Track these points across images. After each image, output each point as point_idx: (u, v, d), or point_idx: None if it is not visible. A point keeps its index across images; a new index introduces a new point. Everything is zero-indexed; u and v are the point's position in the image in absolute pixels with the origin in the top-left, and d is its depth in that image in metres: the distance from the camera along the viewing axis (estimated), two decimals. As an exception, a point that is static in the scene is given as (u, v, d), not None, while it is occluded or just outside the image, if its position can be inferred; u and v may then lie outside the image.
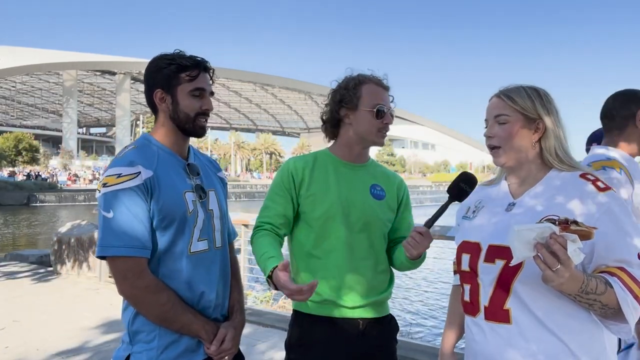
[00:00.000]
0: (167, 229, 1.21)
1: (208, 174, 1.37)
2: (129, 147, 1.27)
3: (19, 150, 40.39)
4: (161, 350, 1.21)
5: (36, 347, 3.21)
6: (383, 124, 1.41)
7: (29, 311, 4.09)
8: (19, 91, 72.30)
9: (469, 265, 1.14)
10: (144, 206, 1.18)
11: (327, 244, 1.39)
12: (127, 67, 64.71)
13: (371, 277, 1.40)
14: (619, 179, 1.45)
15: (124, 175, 1.18)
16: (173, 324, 1.20)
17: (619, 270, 1.00)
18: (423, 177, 70.55)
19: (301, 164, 1.44)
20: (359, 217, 1.40)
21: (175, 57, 1.25)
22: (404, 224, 1.51)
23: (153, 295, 1.18)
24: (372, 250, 1.42)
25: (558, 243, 0.88)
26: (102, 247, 1.17)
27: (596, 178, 1.07)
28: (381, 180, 1.48)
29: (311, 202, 1.40)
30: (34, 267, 6.03)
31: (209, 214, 1.31)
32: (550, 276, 0.90)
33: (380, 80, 1.44)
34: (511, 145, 1.13)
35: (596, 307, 0.98)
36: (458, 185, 1.21)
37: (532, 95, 1.13)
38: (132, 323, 1.23)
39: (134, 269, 1.17)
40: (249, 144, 74.33)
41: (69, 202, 30.08)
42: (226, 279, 1.36)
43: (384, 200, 1.46)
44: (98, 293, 4.74)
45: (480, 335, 1.11)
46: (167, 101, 1.26)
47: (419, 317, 5.44)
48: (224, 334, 1.26)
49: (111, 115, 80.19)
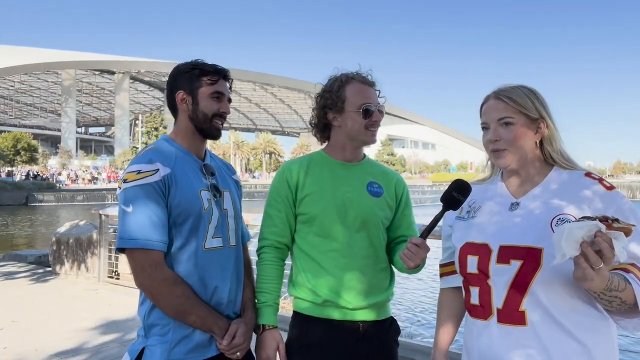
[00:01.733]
0: (183, 225, 1.26)
1: (224, 175, 1.44)
2: (149, 147, 1.34)
3: (18, 150, 40.36)
4: (174, 344, 1.24)
5: (35, 348, 3.20)
6: (372, 122, 1.40)
7: (28, 312, 4.07)
8: (17, 91, 72.31)
9: (477, 267, 1.11)
10: (162, 202, 1.24)
11: (326, 244, 1.38)
12: (127, 67, 64.68)
13: (372, 276, 1.38)
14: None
15: (143, 172, 1.24)
16: (188, 317, 1.24)
17: (633, 267, 1.00)
18: (422, 178, 70.56)
19: (296, 167, 1.44)
20: (356, 216, 1.38)
21: (199, 63, 1.35)
22: (405, 222, 1.49)
23: (169, 287, 1.22)
24: (372, 248, 1.41)
25: (605, 242, 0.87)
26: (122, 239, 1.23)
27: (601, 178, 1.08)
28: (379, 177, 1.47)
29: (307, 203, 1.40)
30: (33, 267, 6.00)
31: (224, 213, 1.36)
32: (591, 275, 0.88)
33: (364, 77, 1.41)
34: (517, 147, 1.11)
35: (615, 304, 0.98)
36: (451, 195, 1.19)
37: (530, 96, 1.12)
38: (147, 317, 1.27)
39: (152, 262, 1.22)
40: (248, 144, 74.23)
41: (68, 202, 30.03)
42: (239, 277, 1.40)
43: (382, 198, 1.44)
44: (97, 294, 4.72)
45: (490, 339, 1.08)
46: (188, 102, 1.34)
47: (422, 317, 5.43)
48: (236, 330, 1.29)
49: (110, 115, 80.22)
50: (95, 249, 5.22)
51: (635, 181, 57.94)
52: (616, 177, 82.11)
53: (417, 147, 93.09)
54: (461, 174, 72.23)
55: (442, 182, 55.59)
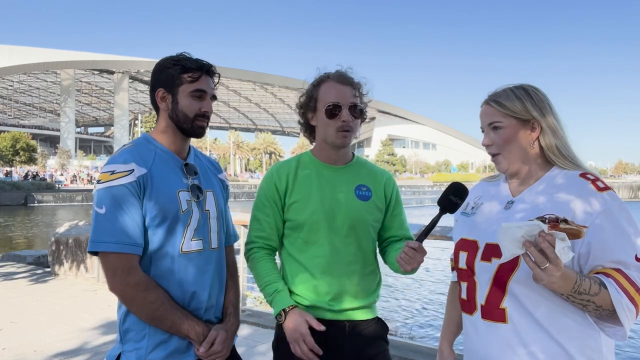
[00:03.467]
0: (159, 227, 1.22)
1: (207, 174, 1.38)
2: (127, 146, 1.29)
3: (17, 150, 40.30)
4: (150, 349, 1.21)
5: (34, 349, 3.19)
6: (340, 122, 1.34)
7: (27, 312, 4.06)
8: (16, 90, 72.23)
9: (466, 263, 1.13)
10: (136, 203, 1.19)
11: (313, 250, 1.37)
12: (126, 66, 64.60)
13: (358, 281, 1.38)
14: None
15: (117, 173, 1.19)
16: (162, 322, 1.20)
17: (615, 272, 0.98)
18: (422, 178, 70.65)
19: (284, 171, 1.42)
20: (344, 221, 1.37)
21: (181, 58, 1.27)
22: (396, 221, 1.48)
23: (142, 292, 1.18)
24: (360, 252, 1.40)
25: (546, 241, 0.88)
26: (94, 242, 1.19)
27: (596, 177, 1.07)
28: (367, 179, 1.45)
29: (295, 209, 1.39)
30: (32, 267, 6.00)
31: (205, 214, 1.31)
32: (540, 274, 0.90)
33: (340, 75, 1.37)
34: (510, 150, 1.12)
35: (590, 307, 0.97)
36: (448, 198, 1.20)
37: (522, 97, 1.11)
38: (123, 322, 1.24)
39: (124, 266, 1.17)
40: (248, 144, 74.21)
41: (66, 202, 30.01)
42: (221, 280, 1.35)
43: (371, 201, 1.42)
44: (96, 294, 4.71)
45: (476, 334, 1.11)
46: (168, 100, 1.27)
47: (420, 317, 5.42)
48: (215, 336, 1.25)
49: (109, 114, 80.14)
50: (93, 249, 5.20)
51: (636, 181, 57.97)
52: (618, 177, 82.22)
53: (417, 146, 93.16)
54: (462, 174, 72.18)
55: (443, 182, 55.61)
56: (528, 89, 1.13)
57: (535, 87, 1.14)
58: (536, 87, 1.14)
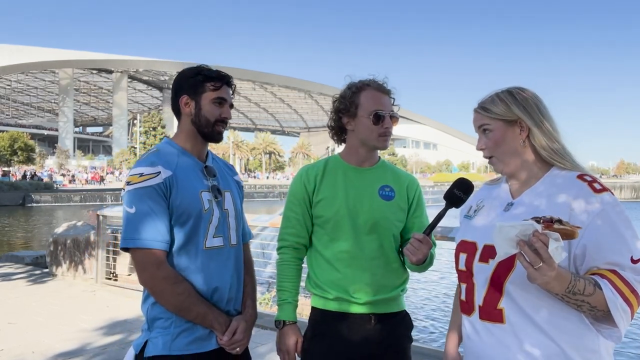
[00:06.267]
0: (184, 225, 1.32)
1: (225, 176, 1.49)
2: (152, 150, 1.41)
3: (15, 149, 40.21)
4: (176, 335, 1.31)
5: (32, 350, 3.18)
6: (383, 129, 1.46)
7: (25, 313, 4.04)
8: (14, 90, 72.15)
9: (465, 264, 1.15)
10: (163, 203, 1.30)
11: (337, 245, 1.46)
12: (124, 66, 64.49)
13: (381, 276, 1.45)
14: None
15: (145, 175, 1.29)
16: (189, 313, 1.30)
17: (611, 273, 0.99)
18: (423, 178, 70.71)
19: (313, 172, 1.53)
20: (366, 219, 1.46)
21: (203, 69, 1.41)
22: (417, 223, 1.54)
23: (171, 285, 1.28)
24: (382, 250, 1.47)
25: (540, 241, 0.88)
26: (125, 239, 1.29)
27: (593, 179, 1.07)
28: (391, 180, 1.53)
29: (321, 206, 1.49)
30: (30, 268, 5.98)
31: (225, 213, 1.41)
32: (533, 274, 0.91)
33: (380, 84, 1.49)
34: (502, 151, 1.14)
35: (584, 308, 0.98)
36: (453, 192, 1.26)
37: (506, 99, 1.13)
38: (150, 311, 1.34)
39: (153, 261, 1.27)
40: (247, 144, 74.14)
41: (64, 203, 29.98)
42: (240, 275, 1.46)
43: (394, 201, 1.50)
44: (94, 295, 4.70)
45: (475, 335, 1.12)
46: (191, 106, 1.39)
47: (428, 320, 5.41)
48: (236, 326, 1.36)
49: (108, 114, 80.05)
50: (92, 250, 5.18)
51: (638, 181, 58.07)
52: (620, 177, 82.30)
53: (418, 146, 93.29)
54: (462, 174, 72.14)
55: (444, 182, 55.63)
56: (512, 90, 1.15)
57: (522, 88, 1.15)
58: (523, 88, 1.16)
